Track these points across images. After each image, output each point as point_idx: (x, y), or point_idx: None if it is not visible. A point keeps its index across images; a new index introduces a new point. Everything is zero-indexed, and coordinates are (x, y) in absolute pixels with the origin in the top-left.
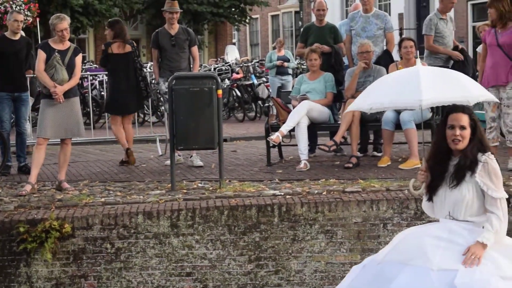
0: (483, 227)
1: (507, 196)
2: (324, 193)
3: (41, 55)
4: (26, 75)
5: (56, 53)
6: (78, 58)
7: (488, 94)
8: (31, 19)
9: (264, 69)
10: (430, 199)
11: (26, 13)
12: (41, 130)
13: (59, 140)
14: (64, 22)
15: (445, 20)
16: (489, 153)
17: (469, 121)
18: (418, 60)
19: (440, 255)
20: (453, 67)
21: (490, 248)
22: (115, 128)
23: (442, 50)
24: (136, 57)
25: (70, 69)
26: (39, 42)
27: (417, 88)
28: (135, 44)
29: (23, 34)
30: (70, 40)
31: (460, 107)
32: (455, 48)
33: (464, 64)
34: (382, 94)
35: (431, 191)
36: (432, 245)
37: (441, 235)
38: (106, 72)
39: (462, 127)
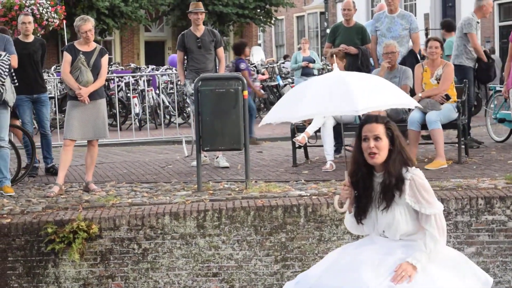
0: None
1: (442, 209)
2: None
3: (67, 57)
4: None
5: (81, 55)
6: (104, 59)
7: (410, 100)
8: (57, 22)
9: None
10: (359, 221)
11: (53, 15)
12: (67, 131)
13: (86, 141)
14: (88, 24)
15: (479, 23)
16: (413, 167)
17: (385, 131)
18: (335, 65)
19: (375, 278)
20: (478, 69)
21: (428, 262)
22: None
23: (482, 52)
24: None
25: (96, 70)
26: (66, 44)
27: (350, 96)
28: None
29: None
30: (96, 42)
31: (373, 117)
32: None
33: (489, 66)
34: (309, 104)
35: (361, 213)
36: (367, 269)
37: (375, 257)
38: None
39: (377, 138)
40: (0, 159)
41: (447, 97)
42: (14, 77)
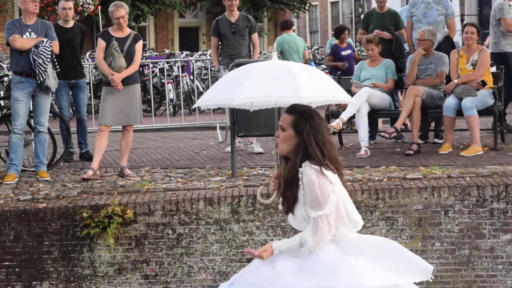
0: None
1: (325, 212)
2: (385, 180)
3: (101, 43)
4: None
5: (114, 41)
6: (138, 45)
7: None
8: (92, 8)
9: (324, 55)
10: (287, 212)
11: (88, 1)
12: (102, 117)
13: (121, 127)
14: (121, 10)
15: (511, 7)
16: (311, 164)
17: (293, 122)
18: (274, 54)
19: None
20: None
21: (345, 253)
22: None
23: None
24: None
25: (130, 56)
26: (101, 30)
27: (240, 86)
28: None
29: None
30: (131, 28)
31: (289, 107)
32: None
33: None
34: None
35: (286, 206)
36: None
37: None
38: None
39: (281, 128)
40: (38, 144)
41: (483, 83)
42: (56, 63)
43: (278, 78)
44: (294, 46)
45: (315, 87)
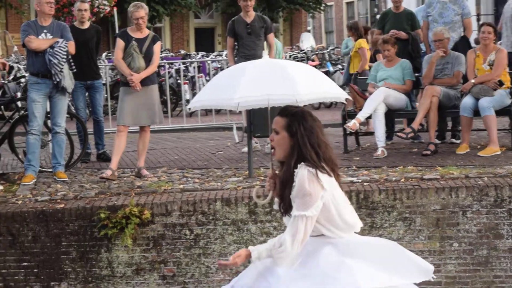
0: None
1: (307, 214)
2: (402, 180)
3: (119, 43)
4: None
5: (134, 41)
6: (157, 46)
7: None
8: (108, 9)
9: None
10: (284, 214)
11: (104, 2)
12: (120, 117)
13: (138, 127)
14: (140, 11)
15: None
16: (307, 166)
17: (286, 125)
18: (265, 52)
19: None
20: None
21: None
22: None
23: None
24: None
25: (148, 57)
26: (117, 31)
27: (236, 86)
28: None
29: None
30: (147, 28)
31: (281, 110)
32: None
33: None
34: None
35: (286, 209)
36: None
37: (300, 259)
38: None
39: (275, 131)
40: (56, 145)
41: (500, 83)
42: (72, 64)
43: (274, 76)
44: (276, 47)
45: (312, 84)
